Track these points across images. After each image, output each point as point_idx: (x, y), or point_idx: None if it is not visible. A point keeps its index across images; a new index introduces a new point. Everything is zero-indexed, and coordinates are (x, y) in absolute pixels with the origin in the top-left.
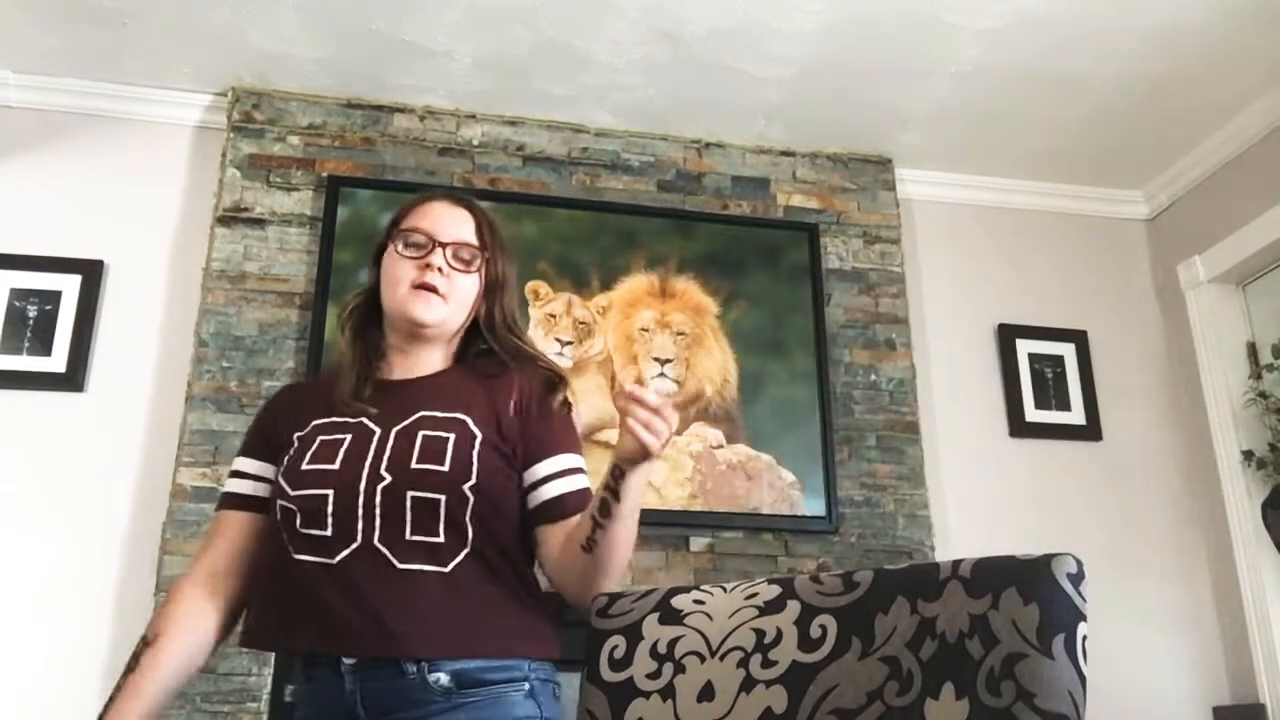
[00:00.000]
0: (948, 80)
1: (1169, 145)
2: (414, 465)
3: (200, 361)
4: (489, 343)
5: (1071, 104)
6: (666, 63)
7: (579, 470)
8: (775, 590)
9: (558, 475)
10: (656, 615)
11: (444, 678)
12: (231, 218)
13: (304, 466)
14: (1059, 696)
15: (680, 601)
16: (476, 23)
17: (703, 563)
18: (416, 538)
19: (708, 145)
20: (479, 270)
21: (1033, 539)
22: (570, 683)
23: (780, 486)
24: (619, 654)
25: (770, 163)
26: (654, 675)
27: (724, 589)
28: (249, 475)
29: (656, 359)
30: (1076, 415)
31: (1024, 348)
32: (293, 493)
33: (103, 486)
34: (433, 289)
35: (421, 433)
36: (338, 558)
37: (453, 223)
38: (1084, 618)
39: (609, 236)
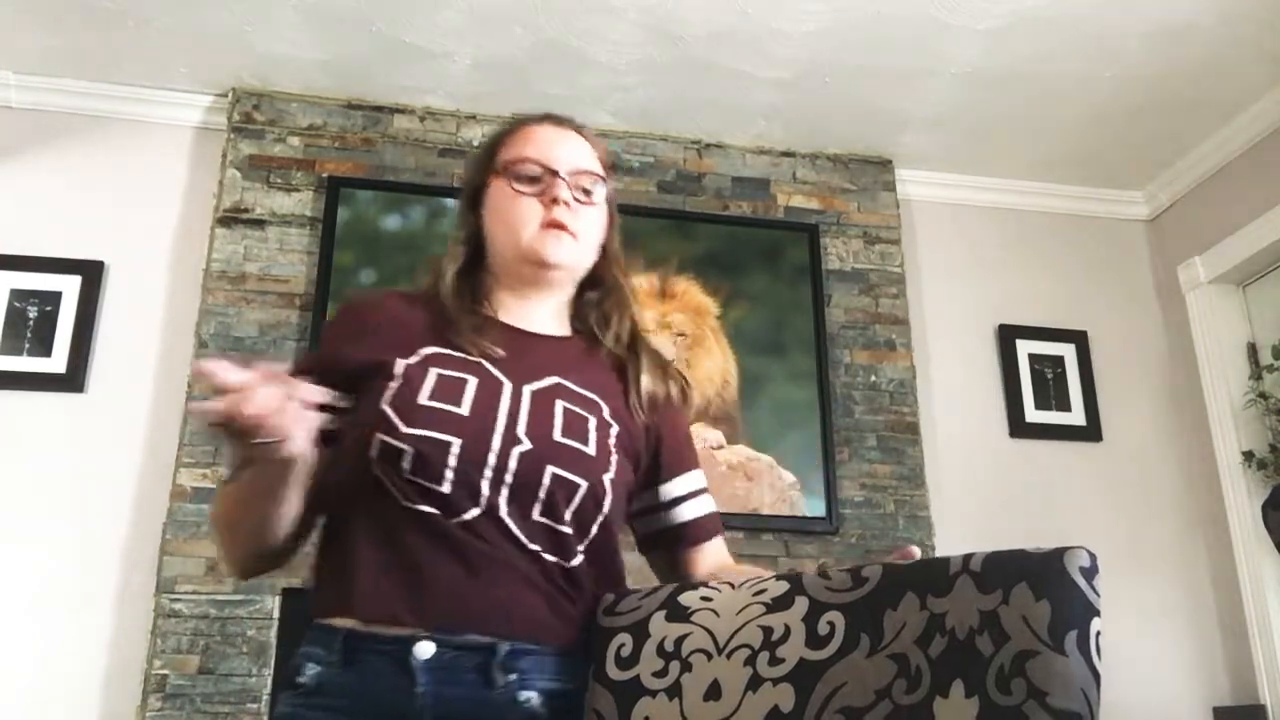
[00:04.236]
0: (948, 81)
1: (1169, 145)
2: (557, 437)
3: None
4: (604, 306)
5: (1072, 105)
6: (666, 63)
7: (707, 490)
8: (783, 586)
9: (696, 494)
10: (663, 613)
11: (535, 699)
12: (231, 218)
13: (422, 401)
14: (1071, 694)
15: (688, 599)
16: (476, 24)
17: None
18: (542, 519)
19: (708, 146)
20: (604, 202)
21: (1033, 540)
22: None
23: (780, 487)
24: (626, 652)
25: (770, 163)
26: (661, 674)
27: (732, 585)
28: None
29: None
30: (1076, 416)
31: (1024, 348)
32: (405, 429)
33: (103, 487)
34: (563, 227)
35: (560, 402)
36: (453, 519)
37: (566, 148)
38: (1097, 613)
39: None
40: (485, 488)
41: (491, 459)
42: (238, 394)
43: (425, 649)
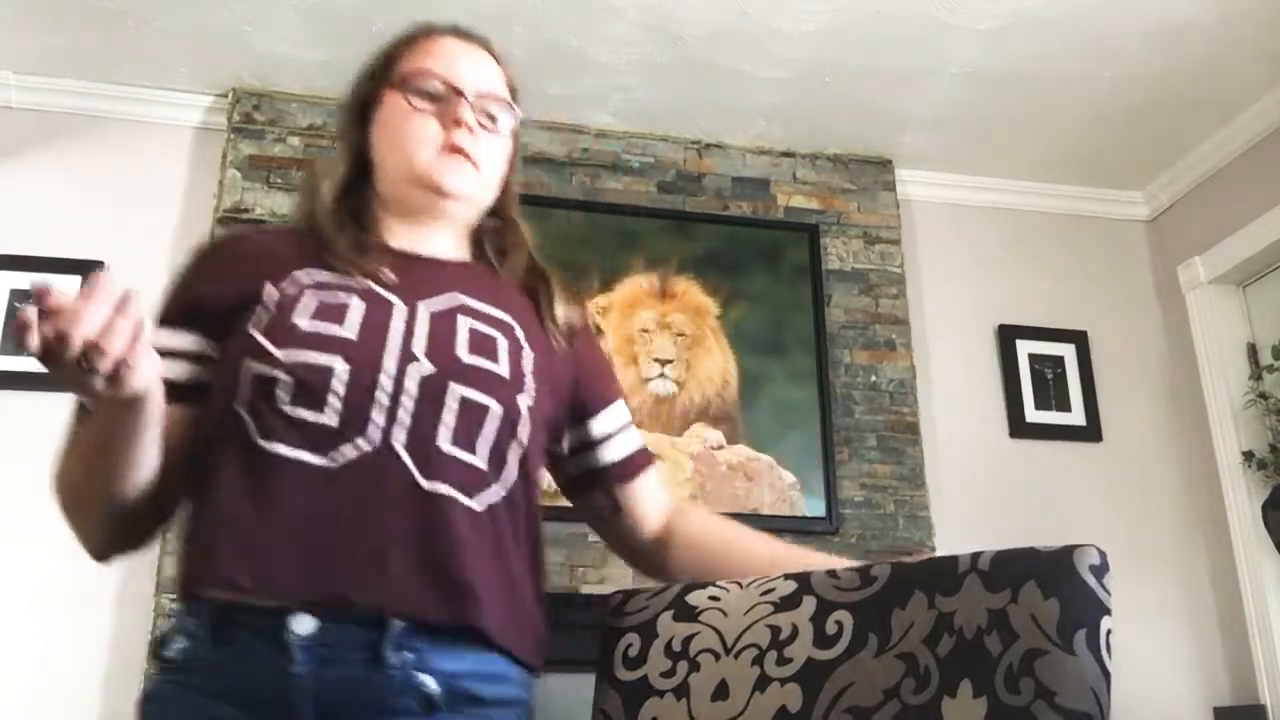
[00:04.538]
0: (948, 81)
1: (1169, 145)
2: (462, 356)
3: None
4: (502, 240)
5: (1072, 105)
6: (666, 63)
7: (631, 421)
8: (791, 586)
9: (625, 427)
10: (671, 612)
11: (432, 682)
12: (232, 219)
13: (298, 322)
14: (1080, 694)
15: (695, 598)
16: (476, 23)
17: None
18: (452, 450)
19: (708, 146)
20: (509, 133)
21: (1033, 540)
22: (581, 683)
23: (780, 487)
24: (633, 652)
25: (770, 163)
26: (668, 674)
27: (740, 584)
28: (178, 353)
29: (657, 360)
30: (1076, 416)
31: (1024, 348)
32: (280, 354)
33: None
34: (464, 153)
35: (464, 320)
36: (338, 459)
37: (474, 66)
38: (1108, 611)
39: (609, 237)
40: (379, 417)
41: (385, 382)
42: (68, 315)
43: (304, 624)
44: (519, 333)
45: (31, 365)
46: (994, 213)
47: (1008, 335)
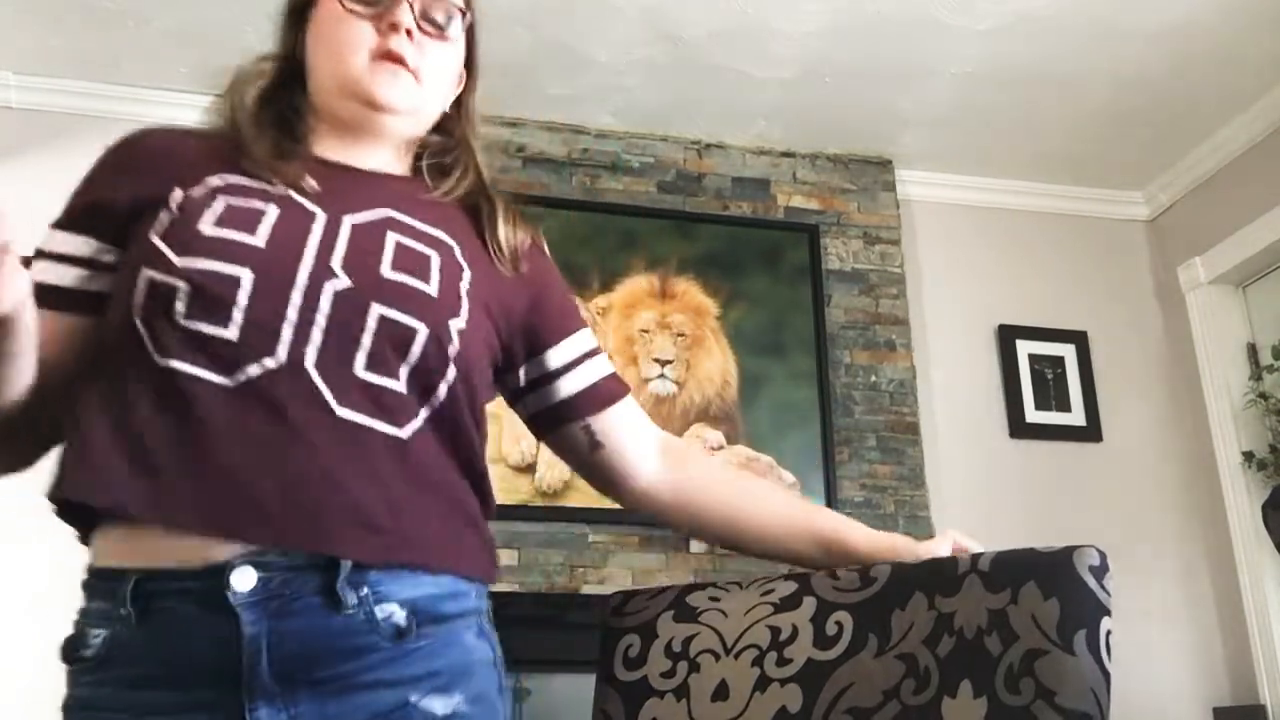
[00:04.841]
0: (948, 81)
1: (1169, 145)
2: (385, 273)
3: None
4: (444, 158)
5: (1072, 104)
6: (667, 63)
7: (601, 350)
8: (791, 586)
9: (590, 355)
10: (671, 613)
11: (398, 613)
12: None
13: (202, 228)
14: (1080, 694)
15: (696, 599)
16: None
17: (702, 564)
18: (369, 376)
19: (708, 146)
20: (460, 40)
21: (1033, 540)
22: (581, 683)
23: (780, 488)
24: (633, 652)
25: (770, 163)
26: (668, 674)
27: (740, 585)
28: (69, 258)
29: (657, 360)
30: (1077, 416)
31: (1024, 348)
32: (179, 261)
33: None
34: (401, 61)
35: (392, 235)
36: (240, 376)
37: None
38: (1108, 612)
39: (609, 238)
40: (288, 333)
41: (295, 297)
42: None
43: (245, 579)
44: (457, 252)
45: None
46: (994, 213)
47: (1008, 335)
